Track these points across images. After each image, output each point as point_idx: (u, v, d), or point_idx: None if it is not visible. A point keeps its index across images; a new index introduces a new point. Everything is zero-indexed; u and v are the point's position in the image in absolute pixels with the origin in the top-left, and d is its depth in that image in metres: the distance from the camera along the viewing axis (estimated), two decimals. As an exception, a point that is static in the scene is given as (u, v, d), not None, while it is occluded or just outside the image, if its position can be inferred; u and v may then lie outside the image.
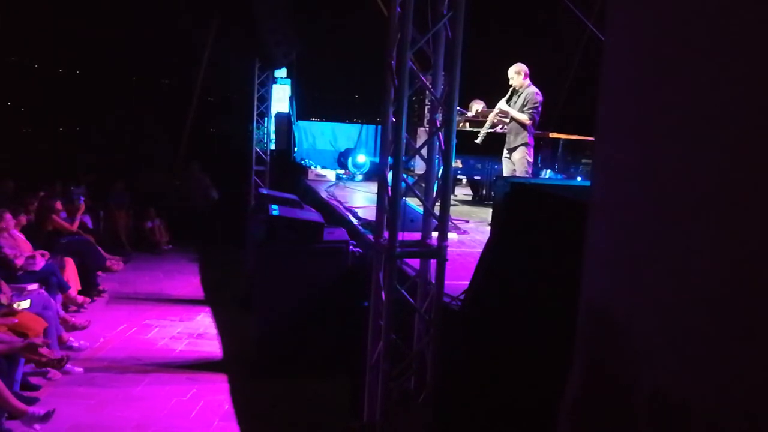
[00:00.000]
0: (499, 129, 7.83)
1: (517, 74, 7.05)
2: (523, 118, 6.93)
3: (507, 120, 7.21)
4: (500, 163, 7.56)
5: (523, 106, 6.95)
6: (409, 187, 3.60)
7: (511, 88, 7.13)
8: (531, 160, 7.14)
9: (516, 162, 7.06)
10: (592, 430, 2.02)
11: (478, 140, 7.60)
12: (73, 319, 6.40)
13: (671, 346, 1.71)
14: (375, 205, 3.73)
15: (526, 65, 7.17)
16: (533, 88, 7.00)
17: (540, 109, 7.03)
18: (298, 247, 5.63)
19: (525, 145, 7.00)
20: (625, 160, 1.95)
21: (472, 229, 6.75)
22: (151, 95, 13.97)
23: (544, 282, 2.93)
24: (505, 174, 7.20)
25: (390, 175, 3.46)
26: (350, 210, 7.39)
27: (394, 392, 3.48)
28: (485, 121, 7.78)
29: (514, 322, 3.10)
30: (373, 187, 7.23)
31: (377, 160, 10.17)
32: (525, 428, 2.87)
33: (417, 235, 3.70)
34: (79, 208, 8.52)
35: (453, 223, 6.25)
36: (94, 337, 6.25)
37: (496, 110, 7.32)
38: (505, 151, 7.25)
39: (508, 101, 7.12)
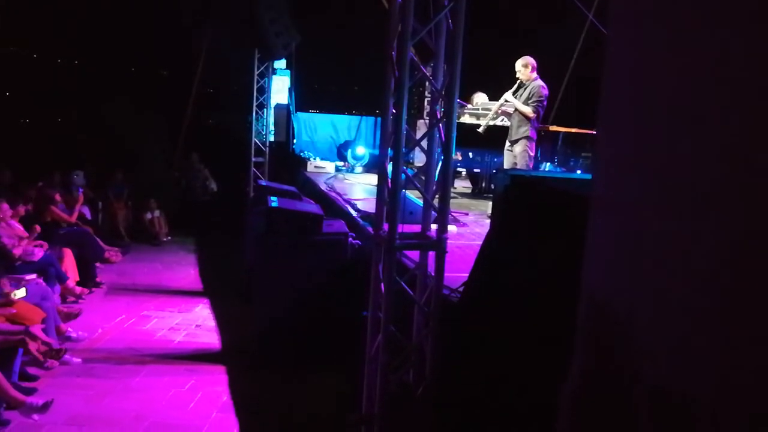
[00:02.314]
0: (499, 121, 7.81)
1: (524, 67, 7.04)
2: (527, 110, 6.93)
3: (511, 111, 7.20)
4: (500, 156, 7.54)
5: (528, 98, 6.95)
6: (409, 179, 3.59)
7: (518, 81, 7.11)
8: (533, 154, 7.13)
9: (517, 155, 7.06)
10: (593, 425, 2.01)
11: (481, 129, 7.59)
12: (66, 310, 6.37)
13: (673, 341, 1.70)
14: (374, 197, 3.71)
15: (529, 56, 7.15)
16: (540, 82, 6.99)
17: (545, 103, 7.03)
18: (297, 239, 5.61)
19: (527, 138, 7.00)
20: (627, 153, 1.94)
21: (471, 221, 6.74)
22: (150, 86, 13.93)
23: (544, 275, 2.92)
24: (505, 166, 7.21)
25: (390, 167, 3.45)
26: (349, 202, 7.38)
27: (392, 384, 3.48)
28: (486, 113, 7.75)
29: (513, 315, 3.09)
30: (373, 179, 7.23)
31: (377, 152, 10.15)
32: (524, 422, 2.87)
33: (417, 228, 3.69)
34: (78, 199, 8.51)
35: (453, 215, 6.24)
36: (92, 327, 6.25)
37: (501, 101, 7.31)
38: (507, 143, 7.25)
39: (514, 93, 7.12)
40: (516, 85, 7.13)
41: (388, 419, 3.48)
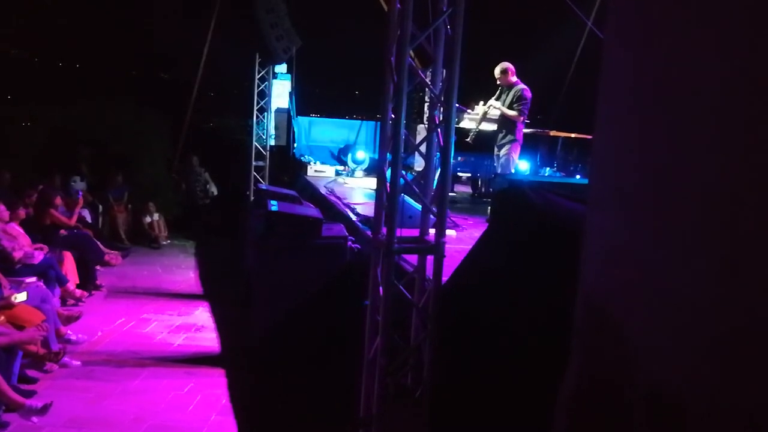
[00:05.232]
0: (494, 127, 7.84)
1: (503, 73, 7.18)
2: (513, 114, 7.04)
3: (496, 117, 7.27)
4: None
5: (513, 102, 7.04)
6: (408, 183, 3.60)
7: (499, 87, 7.23)
8: (516, 156, 7.22)
9: (501, 157, 7.17)
10: (589, 426, 2.02)
11: (469, 139, 7.66)
12: (66, 312, 6.38)
13: (667, 344, 1.72)
14: (374, 201, 3.73)
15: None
16: (521, 85, 7.09)
17: (529, 105, 7.11)
18: (297, 243, 5.63)
19: (513, 141, 7.10)
20: (623, 157, 1.96)
21: (470, 225, 6.75)
22: (151, 89, 13.95)
23: (540, 277, 2.93)
24: (498, 171, 7.29)
25: (389, 172, 3.47)
26: (349, 206, 7.40)
27: (390, 387, 3.49)
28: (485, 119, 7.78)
29: (508, 316, 3.11)
30: (373, 183, 7.25)
31: (377, 156, 10.18)
32: (521, 423, 2.88)
33: (415, 232, 3.70)
34: (78, 202, 8.51)
35: (451, 219, 6.26)
36: (92, 330, 6.25)
37: (485, 108, 7.38)
38: (496, 148, 7.34)
39: (497, 99, 7.24)
40: (498, 92, 7.25)
41: (386, 421, 3.49)
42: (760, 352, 1.46)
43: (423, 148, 3.71)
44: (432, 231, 3.62)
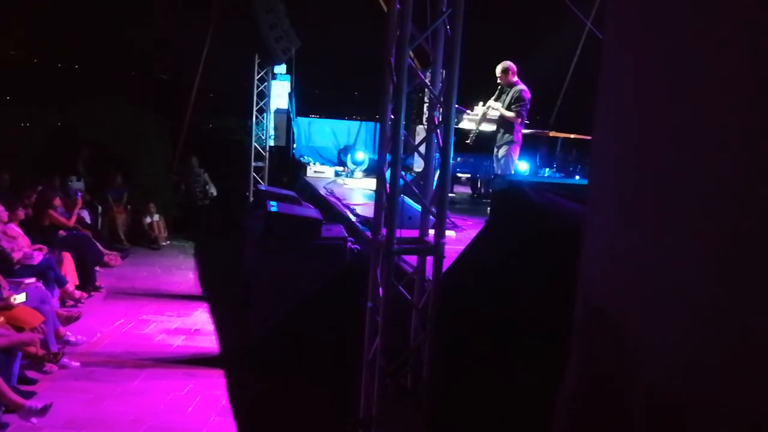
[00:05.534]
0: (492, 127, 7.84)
1: (503, 73, 7.16)
2: (511, 115, 7.04)
3: (496, 117, 7.28)
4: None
5: (512, 103, 7.04)
6: (408, 184, 3.60)
7: (499, 87, 7.22)
8: (515, 157, 7.22)
9: (500, 158, 7.18)
10: (589, 426, 2.02)
11: (469, 141, 7.67)
12: (65, 313, 6.38)
13: (667, 344, 1.71)
14: (373, 202, 3.73)
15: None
16: (521, 86, 7.08)
17: (528, 106, 7.11)
18: (296, 243, 5.63)
19: (511, 142, 7.10)
20: (622, 157, 1.96)
21: (470, 226, 6.75)
22: (151, 89, 13.94)
23: (535, 278, 2.93)
24: (497, 171, 7.31)
25: (388, 173, 3.47)
26: (348, 207, 7.40)
27: (390, 388, 3.49)
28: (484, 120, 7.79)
29: (498, 315, 3.10)
30: (372, 183, 7.26)
31: (376, 157, 10.17)
32: (521, 424, 2.88)
33: (415, 233, 3.70)
34: (77, 203, 8.50)
35: (451, 220, 6.26)
36: (91, 331, 6.25)
37: (485, 108, 7.39)
38: (495, 149, 7.35)
39: (497, 99, 7.24)
40: (498, 92, 7.24)
41: (385, 422, 3.49)
42: (760, 352, 1.45)
43: (422, 148, 3.71)
44: (431, 232, 3.62)
